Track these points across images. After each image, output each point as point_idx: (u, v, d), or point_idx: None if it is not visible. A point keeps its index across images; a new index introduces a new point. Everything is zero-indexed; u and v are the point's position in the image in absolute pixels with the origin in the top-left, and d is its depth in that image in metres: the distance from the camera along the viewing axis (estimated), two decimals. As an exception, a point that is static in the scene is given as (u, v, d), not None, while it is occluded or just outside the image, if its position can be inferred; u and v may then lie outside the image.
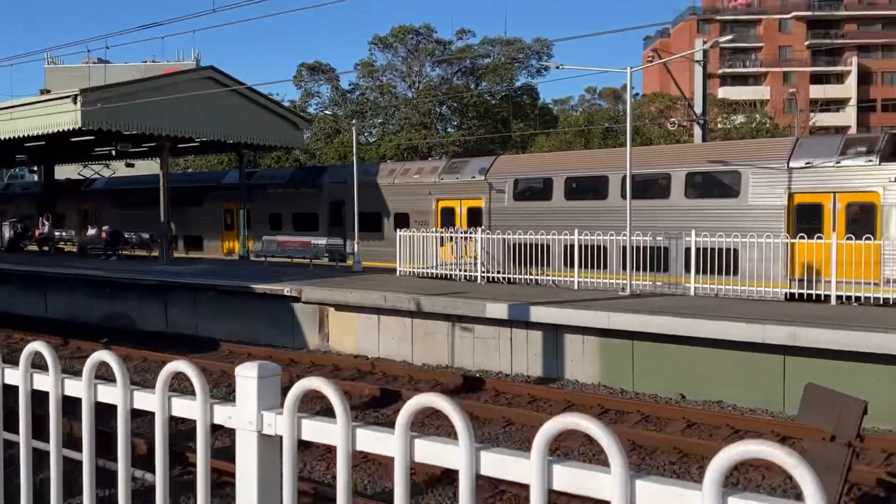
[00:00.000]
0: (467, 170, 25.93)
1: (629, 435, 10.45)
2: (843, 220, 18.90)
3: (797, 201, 19.50)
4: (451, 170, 26.42)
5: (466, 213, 25.54)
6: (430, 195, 26.32)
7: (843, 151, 19.03)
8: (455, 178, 25.86)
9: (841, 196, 18.95)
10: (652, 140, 46.34)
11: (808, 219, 19.21)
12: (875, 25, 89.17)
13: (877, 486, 8.53)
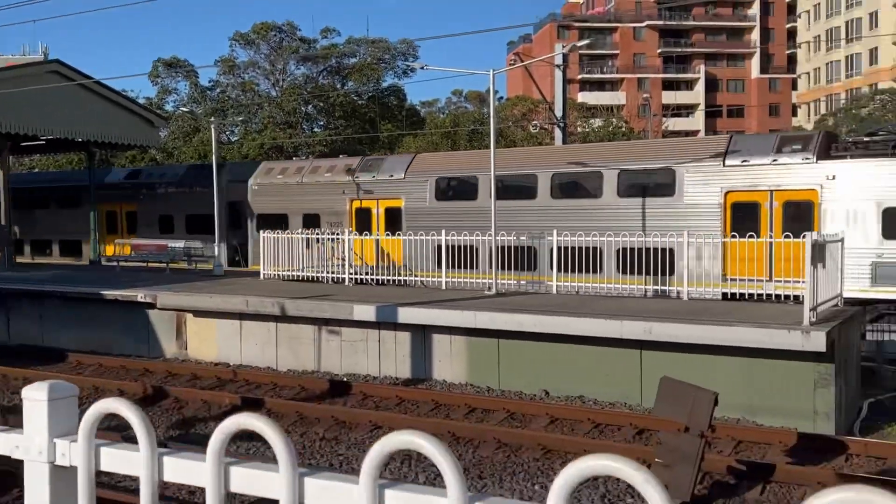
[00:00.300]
0: (384, 168, 24.74)
1: (494, 433, 10.48)
2: (780, 218, 18.82)
3: (733, 200, 19.36)
4: (367, 168, 25.02)
5: (384, 214, 24.42)
6: (344, 195, 24.95)
7: (778, 149, 19.02)
8: (371, 176, 24.59)
9: (778, 194, 18.87)
10: (516, 142, 47.31)
11: (744, 217, 19.06)
12: (720, 35, 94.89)
13: (728, 473, 8.90)
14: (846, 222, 18.11)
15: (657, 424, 10.47)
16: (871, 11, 73.02)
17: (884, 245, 17.87)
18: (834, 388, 11.14)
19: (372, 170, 24.82)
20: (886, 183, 17.85)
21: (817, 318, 11.58)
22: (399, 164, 24.70)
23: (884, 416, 12.41)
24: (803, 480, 8.54)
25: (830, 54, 79.88)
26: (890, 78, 67.31)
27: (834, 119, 59.14)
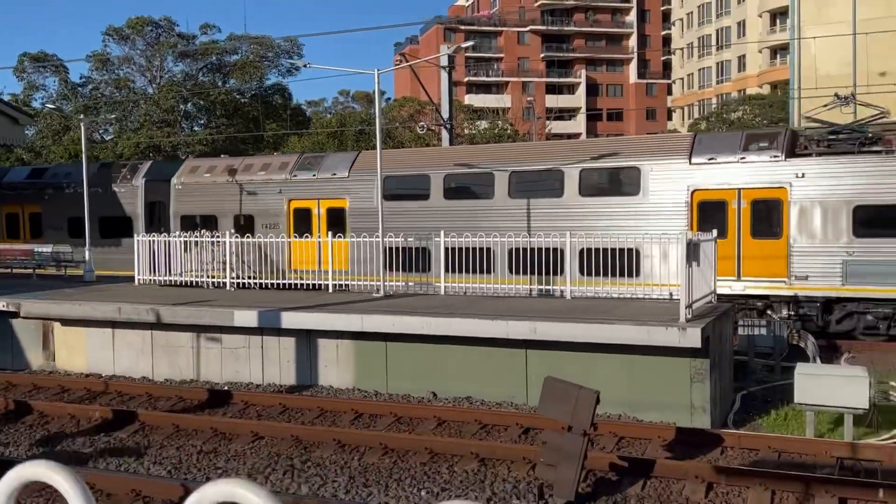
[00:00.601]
0: (326, 166, 23.55)
1: (381, 438, 10.30)
2: (748, 216, 18.71)
3: (700, 198, 19.18)
4: (306, 166, 23.78)
5: (326, 215, 23.26)
6: (282, 195, 23.64)
7: (745, 147, 18.92)
8: (312, 174, 23.38)
9: (746, 192, 18.77)
10: (403, 143, 47.25)
11: (711, 216, 18.89)
12: (600, 41, 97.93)
13: (610, 470, 9.04)
14: (816, 220, 18.11)
15: (543, 423, 10.55)
16: (740, 20, 77.06)
17: (854, 243, 17.90)
18: (709, 382, 11.54)
19: (312, 168, 23.66)
20: (856, 181, 17.88)
21: (693, 315, 11.96)
22: (342, 162, 23.62)
23: (755, 408, 12.96)
24: (681, 475, 8.76)
25: (702, 61, 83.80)
26: (757, 84, 71.19)
27: (706, 123, 61.98)
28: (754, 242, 18.79)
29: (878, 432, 11.12)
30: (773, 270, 18.56)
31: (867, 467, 9.12)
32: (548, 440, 8.12)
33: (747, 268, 18.61)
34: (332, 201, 23.15)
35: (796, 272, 18.26)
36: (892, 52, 29.90)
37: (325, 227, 22.80)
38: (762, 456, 9.65)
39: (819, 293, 18.33)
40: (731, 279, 18.63)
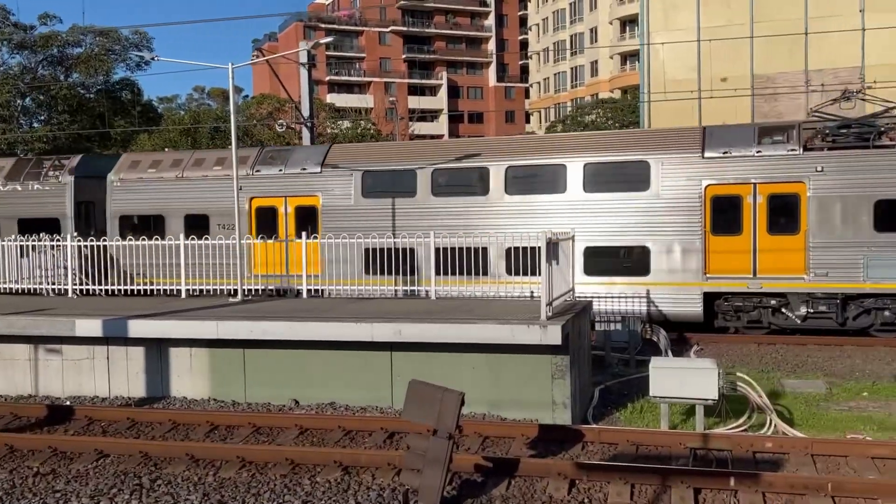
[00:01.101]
0: (293, 160, 21.81)
1: (238, 451, 9.80)
2: (764, 212, 18.16)
3: (713, 193, 18.52)
4: (269, 160, 21.98)
5: (294, 214, 21.59)
6: (242, 192, 21.61)
7: (759, 140, 18.37)
8: (277, 170, 21.63)
9: (762, 187, 18.21)
10: (262, 142, 45.96)
11: (726, 211, 18.33)
12: (460, 44, 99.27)
13: (475, 471, 8.96)
14: (836, 215, 17.79)
15: (408, 427, 10.38)
16: (592, 27, 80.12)
17: (876, 238, 17.61)
18: (569, 378, 11.72)
19: (276, 162, 21.95)
20: (877, 175, 17.55)
21: (553, 313, 12.12)
22: (312, 157, 21.97)
23: (613, 402, 13.32)
24: (545, 473, 8.80)
25: (557, 66, 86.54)
26: (609, 88, 74.22)
27: (562, 126, 63.96)
28: (771, 238, 18.31)
29: (726, 421, 11.65)
30: (790, 266, 18.19)
31: (718, 456, 9.49)
32: (412, 445, 7.93)
33: (763, 264, 18.23)
34: (302, 199, 21.58)
35: (815, 268, 18.02)
36: (733, 58, 31.86)
37: (293, 226, 21.42)
38: (621, 450, 9.86)
39: (839, 289, 17.99)
40: (747, 276, 18.25)
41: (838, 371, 15.77)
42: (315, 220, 21.39)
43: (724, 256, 18.16)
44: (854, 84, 29.12)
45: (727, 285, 17.98)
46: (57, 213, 23.58)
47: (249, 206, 21.92)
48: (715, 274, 18.14)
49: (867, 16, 30.41)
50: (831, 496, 7.96)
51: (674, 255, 18.48)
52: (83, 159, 24.82)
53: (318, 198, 21.35)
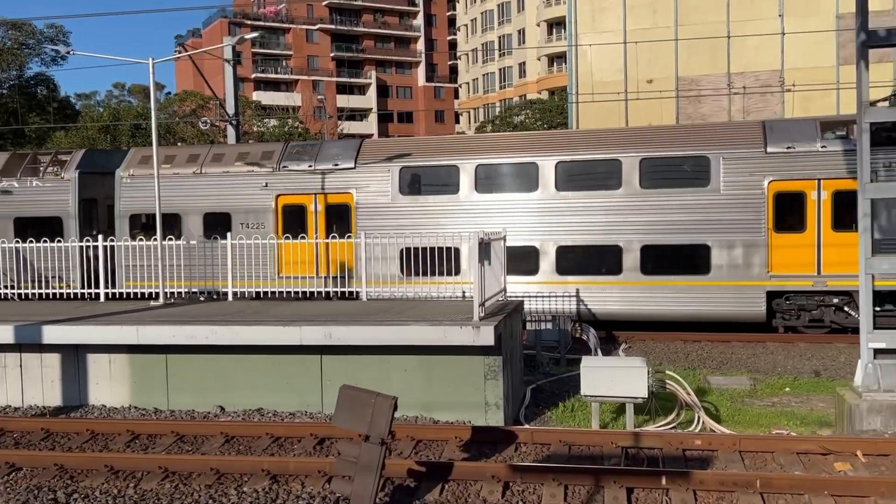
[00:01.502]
0: (324, 155, 20.67)
1: (161, 461, 9.40)
2: (829, 208, 17.79)
3: (776, 189, 18.01)
4: (298, 156, 20.80)
5: (325, 212, 20.43)
6: (268, 189, 20.58)
7: (822, 135, 17.96)
8: (307, 165, 20.43)
9: (827, 183, 17.78)
10: (185, 139, 44.79)
11: (789, 208, 17.96)
12: (389, 43, 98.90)
13: (408, 476, 8.79)
14: None
15: (339, 433, 10.14)
16: (520, 28, 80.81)
17: None
18: (502, 378, 11.66)
19: (305, 157, 20.73)
20: None
21: (486, 314, 12.05)
22: (344, 151, 20.79)
23: (544, 401, 13.33)
24: (479, 476, 8.69)
25: (486, 66, 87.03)
26: (536, 90, 74.99)
27: (492, 126, 64.30)
28: (836, 235, 17.99)
29: (655, 419, 11.77)
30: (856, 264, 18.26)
31: (650, 455, 9.55)
32: (343, 452, 7.71)
33: (828, 262, 17.92)
34: (334, 196, 20.44)
35: None
36: (658, 60, 32.50)
37: (323, 226, 20.38)
38: (554, 450, 9.83)
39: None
40: (811, 275, 17.97)
41: (762, 367, 16.17)
42: (348, 218, 20.36)
43: (788, 254, 17.87)
44: (774, 86, 30.04)
45: (791, 284, 17.73)
46: (59, 212, 21.89)
47: (276, 205, 20.70)
48: (778, 272, 17.87)
49: (786, 20, 31.44)
50: (760, 493, 8.07)
51: (735, 253, 18.09)
52: (87, 154, 23.16)
53: (352, 195, 20.33)
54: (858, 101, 11.32)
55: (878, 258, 11.39)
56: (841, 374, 15.18)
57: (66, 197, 21.83)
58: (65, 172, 22.10)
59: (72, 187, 21.74)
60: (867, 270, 11.28)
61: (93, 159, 22.93)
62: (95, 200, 22.63)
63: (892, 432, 10.50)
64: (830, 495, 7.95)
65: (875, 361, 11.13)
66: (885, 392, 10.91)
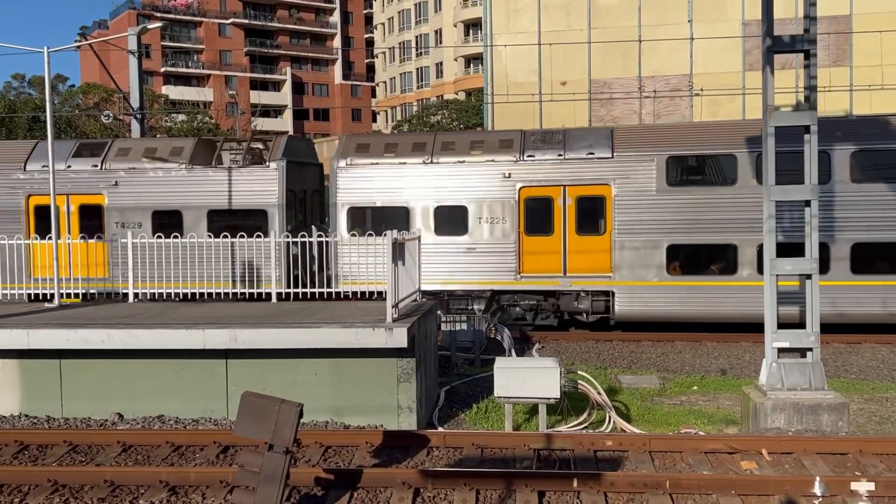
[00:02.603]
0: (573, 144, 18.96)
1: (50, 473, 8.80)
2: None
3: None
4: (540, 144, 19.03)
5: (576, 205, 18.66)
6: (510, 180, 18.80)
7: None
8: (556, 154, 18.70)
9: None
10: (87, 133, 42.96)
11: None
12: (305, 39, 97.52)
13: (315, 485, 8.48)
14: None
15: (244, 441, 9.72)
16: (437, 29, 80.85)
17: None
18: (415, 381, 11.45)
19: (551, 146, 19.12)
20: None
21: (399, 315, 11.81)
22: (599, 139, 19.12)
23: (458, 403, 13.19)
24: (389, 482, 8.45)
25: (404, 66, 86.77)
26: (453, 90, 75.16)
27: (409, 125, 64.08)
28: None
29: (567, 419, 11.77)
30: None
31: (562, 456, 9.50)
32: (244, 462, 7.35)
33: None
34: (587, 188, 18.76)
35: None
36: (572, 62, 32.91)
37: (572, 220, 18.80)
38: (467, 453, 9.67)
39: None
40: None
41: (670, 366, 16.45)
42: (602, 212, 18.79)
43: None
44: (684, 90, 30.79)
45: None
46: (263, 204, 19.88)
47: (519, 196, 19.09)
48: None
49: (694, 26, 32.29)
50: (669, 493, 8.09)
51: None
52: (290, 140, 21.20)
53: (609, 187, 18.66)
54: (764, 106, 11.57)
55: (781, 260, 11.66)
56: (746, 373, 15.58)
57: (272, 187, 19.83)
58: (270, 160, 20.08)
59: (279, 177, 19.73)
60: (772, 271, 11.53)
61: (295, 147, 21.24)
62: (303, 192, 21.15)
63: (795, 430, 10.76)
64: (737, 494, 8.03)
65: (779, 360, 11.40)
66: (788, 390, 11.18)
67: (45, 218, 19.92)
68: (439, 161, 19.43)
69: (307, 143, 23.12)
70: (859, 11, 31.50)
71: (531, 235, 18.41)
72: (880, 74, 30.84)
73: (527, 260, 18.74)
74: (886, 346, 17.86)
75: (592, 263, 18.40)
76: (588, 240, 18.38)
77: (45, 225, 19.53)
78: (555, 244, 18.73)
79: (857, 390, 13.97)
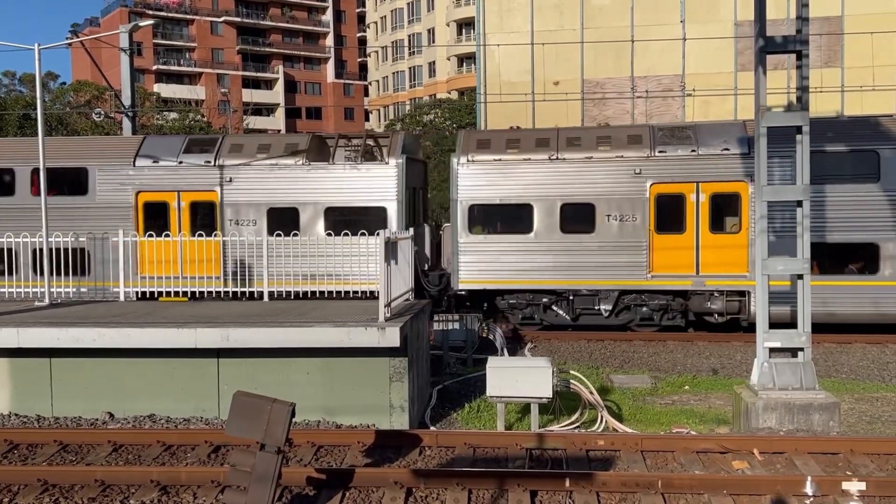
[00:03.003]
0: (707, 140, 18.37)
1: (40, 473, 8.76)
2: None
3: None
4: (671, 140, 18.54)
5: (709, 203, 18.03)
6: (640, 176, 18.28)
7: None
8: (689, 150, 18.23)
9: None
10: (78, 131, 42.75)
11: None
12: (297, 38, 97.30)
13: (307, 484, 8.46)
14: None
15: (235, 440, 9.69)
16: (430, 28, 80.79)
17: None
18: (408, 380, 11.44)
19: (683, 141, 18.56)
20: None
21: (392, 314, 11.80)
22: (731, 135, 18.47)
23: (450, 402, 13.18)
24: (381, 482, 8.44)
25: (396, 65, 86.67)
26: (446, 90, 75.12)
27: (402, 125, 64.02)
28: None
29: (560, 419, 11.78)
30: None
31: (554, 456, 9.50)
32: (236, 462, 7.32)
33: None
34: (722, 185, 18.06)
35: None
36: (564, 62, 32.94)
37: (705, 217, 18.21)
38: (459, 453, 9.67)
39: None
40: None
41: (662, 366, 16.48)
42: (737, 209, 18.16)
43: None
44: (676, 91, 30.84)
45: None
46: (381, 201, 19.50)
47: (649, 194, 18.47)
48: None
49: (687, 26, 32.37)
50: (661, 493, 8.10)
51: None
52: (407, 137, 20.84)
53: (745, 184, 17.92)
54: (756, 106, 11.60)
55: (773, 259, 11.69)
56: (738, 373, 15.62)
57: (391, 184, 19.45)
58: (389, 157, 19.80)
59: (398, 174, 19.44)
60: (763, 271, 11.56)
61: (410, 144, 20.98)
62: (417, 190, 20.89)
63: (786, 430, 10.80)
64: (729, 494, 8.05)
65: (770, 360, 11.43)
66: (779, 390, 11.22)
67: (154, 215, 19.68)
68: (565, 157, 18.93)
69: (415, 140, 22.96)
70: (851, 13, 31.63)
71: (662, 233, 18.02)
72: (871, 76, 30.98)
73: (657, 259, 18.37)
74: (877, 346, 17.94)
75: (727, 262, 17.96)
76: (722, 238, 17.99)
77: (155, 222, 19.34)
78: (687, 242, 18.30)
79: (847, 390, 14.02)
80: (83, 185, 19.83)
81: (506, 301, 19.61)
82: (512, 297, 19.45)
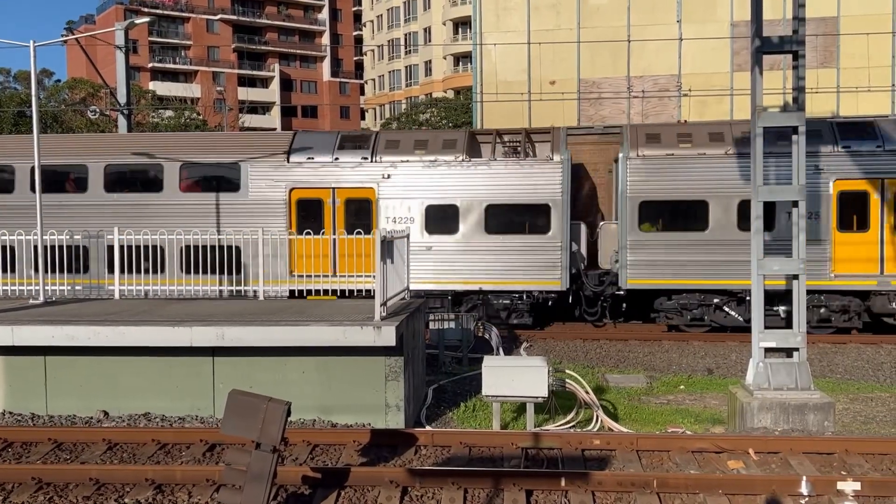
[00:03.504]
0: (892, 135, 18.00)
1: (34, 471, 8.74)
2: None
3: None
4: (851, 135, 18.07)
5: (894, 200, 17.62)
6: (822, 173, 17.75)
7: None
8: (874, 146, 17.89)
9: None
10: (73, 129, 42.63)
11: None
12: (293, 36, 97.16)
13: (303, 483, 8.45)
14: None
15: (231, 438, 9.68)
16: (426, 27, 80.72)
17: None
18: (403, 379, 11.43)
19: (866, 137, 18.05)
20: None
21: (387, 313, 11.79)
22: None
23: (446, 401, 13.18)
24: (376, 481, 8.43)
25: (392, 64, 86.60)
26: (442, 89, 75.09)
27: (397, 123, 63.99)
28: None
29: (555, 418, 11.78)
30: None
31: (549, 455, 9.50)
32: (231, 460, 7.31)
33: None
34: None
35: None
36: (561, 62, 32.93)
37: (891, 215, 17.63)
38: (455, 452, 9.66)
39: None
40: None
41: (657, 365, 16.50)
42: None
43: None
44: (672, 91, 30.84)
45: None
46: (546, 198, 19.29)
47: (833, 190, 17.88)
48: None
49: (683, 26, 32.39)
50: (657, 493, 8.11)
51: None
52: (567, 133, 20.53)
53: None
54: (753, 106, 11.61)
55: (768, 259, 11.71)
56: (733, 373, 15.64)
57: (556, 181, 19.19)
58: (554, 153, 19.41)
59: (563, 170, 19.16)
60: (759, 271, 11.58)
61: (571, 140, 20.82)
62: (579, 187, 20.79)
63: (781, 430, 10.81)
64: (724, 494, 8.06)
65: (765, 360, 11.45)
66: (774, 390, 11.23)
67: (309, 212, 19.42)
68: (742, 151, 18.12)
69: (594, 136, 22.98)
70: (846, 13, 31.67)
71: (844, 232, 17.58)
72: (867, 76, 31.03)
73: (840, 258, 17.92)
74: (871, 346, 17.98)
75: None
76: None
77: (309, 220, 19.10)
78: (871, 241, 17.82)
79: (842, 390, 14.05)
80: (234, 182, 19.57)
81: (674, 301, 19.08)
82: (681, 297, 19.05)
